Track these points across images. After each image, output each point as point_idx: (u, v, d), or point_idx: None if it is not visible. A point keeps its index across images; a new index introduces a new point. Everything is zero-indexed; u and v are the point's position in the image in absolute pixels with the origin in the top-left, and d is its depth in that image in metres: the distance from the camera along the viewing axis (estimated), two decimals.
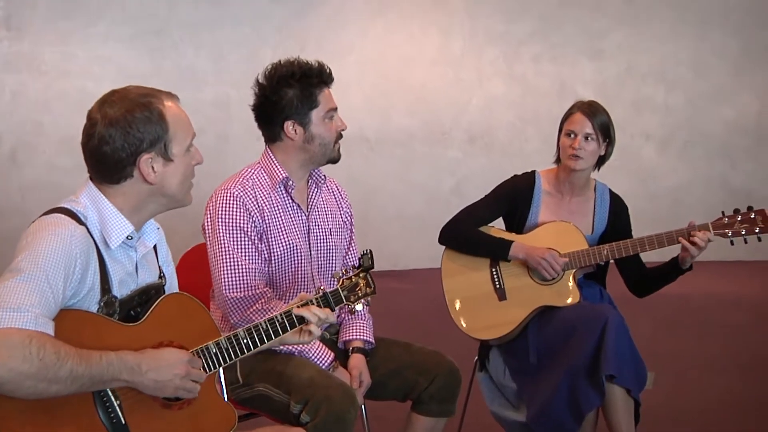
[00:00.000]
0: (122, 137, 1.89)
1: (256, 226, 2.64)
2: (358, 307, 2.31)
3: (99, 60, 6.73)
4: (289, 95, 2.63)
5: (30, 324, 1.67)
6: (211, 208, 2.67)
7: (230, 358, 2.04)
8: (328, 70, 2.69)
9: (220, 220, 2.62)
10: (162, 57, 6.92)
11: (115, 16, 6.76)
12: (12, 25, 6.53)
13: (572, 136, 3.07)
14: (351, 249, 2.94)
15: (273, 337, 2.13)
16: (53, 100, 6.62)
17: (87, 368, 1.73)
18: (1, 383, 1.64)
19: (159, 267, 2.12)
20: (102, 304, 1.89)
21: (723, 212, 2.97)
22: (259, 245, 2.65)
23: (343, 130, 2.74)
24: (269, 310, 2.53)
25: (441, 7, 7.63)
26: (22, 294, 1.69)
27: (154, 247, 2.12)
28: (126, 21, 6.78)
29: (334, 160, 2.75)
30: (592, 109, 3.09)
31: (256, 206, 2.65)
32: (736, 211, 2.95)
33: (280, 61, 2.68)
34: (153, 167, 1.93)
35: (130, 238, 1.97)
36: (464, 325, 3.12)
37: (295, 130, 2.66)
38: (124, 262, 1.98)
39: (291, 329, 2.16)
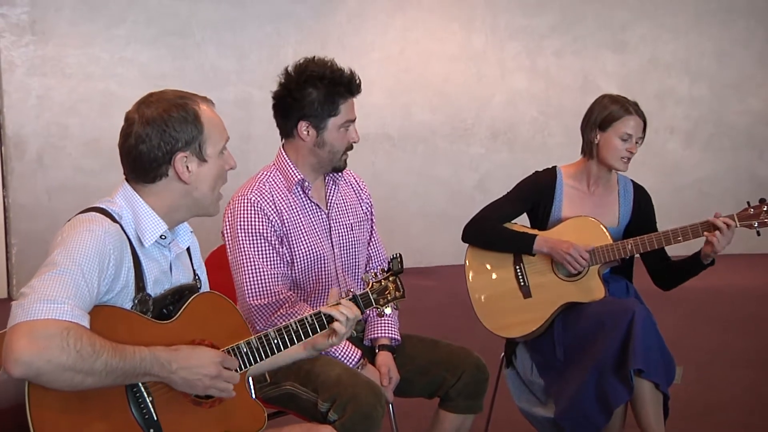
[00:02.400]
0: (159, 136, 1.93)
1: (275, 231, 2.63)
2: (387, 310, 2.31)
3: (122, 62, 6.78)
4: (312, 96, 2.60)
5: (67, 315, 1.69)
6: (229, 214, 2.65)
7: (261, 358, 2.05)
8: (357, 81, 2.64)
9: (239, 226, 2.61)
10: (184, 57, 6.96)
11: (137, 17, 6.80)
12: (37, 29, 6.59)
13: (628, 140, 3.04)
14: (373, 240, 2.93)
15: (303, 337, 2.14)
16: (78, 103, 6.68)
17: (121, 361, 1.75)
18: (39, 374, 1.65)
19: (194, 270, 2.15)
20: (136, 301, 1.91)
21: (748, 202, 2.94)
22: (280, 249, 2.64)
23: (355, 142, 2.70)
24: (294, 315, 2.52)
25: (461, 2, 7.61)
26: (58, 286, 1.71)
27: (188, 250, 2.14)
28: (148, 22, 6.83)
29: (338, 170, 2.73)
30: (641, 111, 3.07)
31: (275, 210, 2.63)
32: (762, 201, 2.92)
33: (314, 58, 2.64)
34: (188, 166, 1.97)
35: (163, 237, 1.99)
36: (489, 324, 3.11)
37: (308, 132, 2.63)
38: (159, 261, 2.00)
39: (321, 330, 2.17)
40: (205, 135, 1.98)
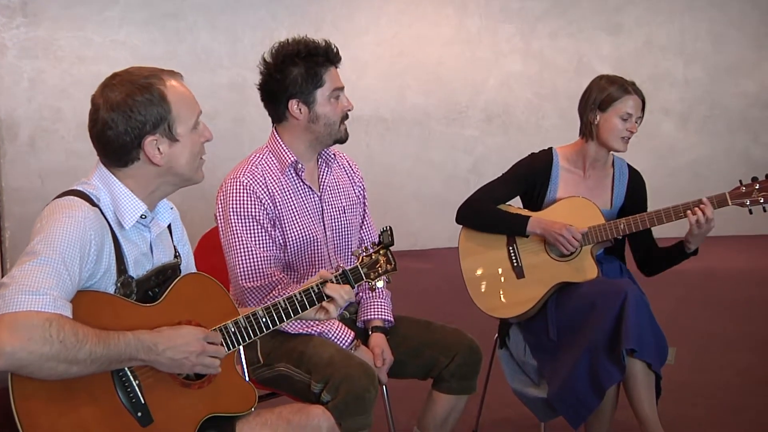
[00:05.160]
0: (124, 121, 1.88)
1: (268, 213, 2.62)
2: (379, 284, 2.29)
3: (114, 44, 6.75)
4: (293, 73, 2.59)
5: (49, 306, 1.68)
6: (221, 197, 2.64)
7: (249, 337, 2.04)
8: (335, 49, 2.64)
9: (231, 209, 2.60)
10: (177, 40, 6.92)
11: (130, 0, 6.76)
12: (28, 12, 6.55)
13: (628, 119, 3.03)
14: (365, 223, 2.93)
15: (291, 315, 2.13)
16: (70, 86, 6.65)
17: (105, 348, 1.74)
18: (22, 365, 1.65)
19: (174, 247, 2.12)
20: (119, 285, 1.90)
21: (740, 181, 2.94)
22: (273, 232, 2.63)
23: (349, 110, 2.70)
24: None
25: None
26: (40, 277, 1.70)
27: (169, 227, 2.12)
28: (141, 5, 6.79)
29: (341, 141, 2.71)
30: (639, 90, 3.07)
31: (267, 192, 2.63)
32: (754, 179, 2.92)
33: (287, 40, 2.64)
34: (159, 149, 1.93)
35: (143, 217, 1.97)
36: (483, 304, 3.11)
37: (300, 109, 2.63)
38: (138, 243, 1.98)
39: (310, 307, 2.16)
40: (173, 114, 1.92)
